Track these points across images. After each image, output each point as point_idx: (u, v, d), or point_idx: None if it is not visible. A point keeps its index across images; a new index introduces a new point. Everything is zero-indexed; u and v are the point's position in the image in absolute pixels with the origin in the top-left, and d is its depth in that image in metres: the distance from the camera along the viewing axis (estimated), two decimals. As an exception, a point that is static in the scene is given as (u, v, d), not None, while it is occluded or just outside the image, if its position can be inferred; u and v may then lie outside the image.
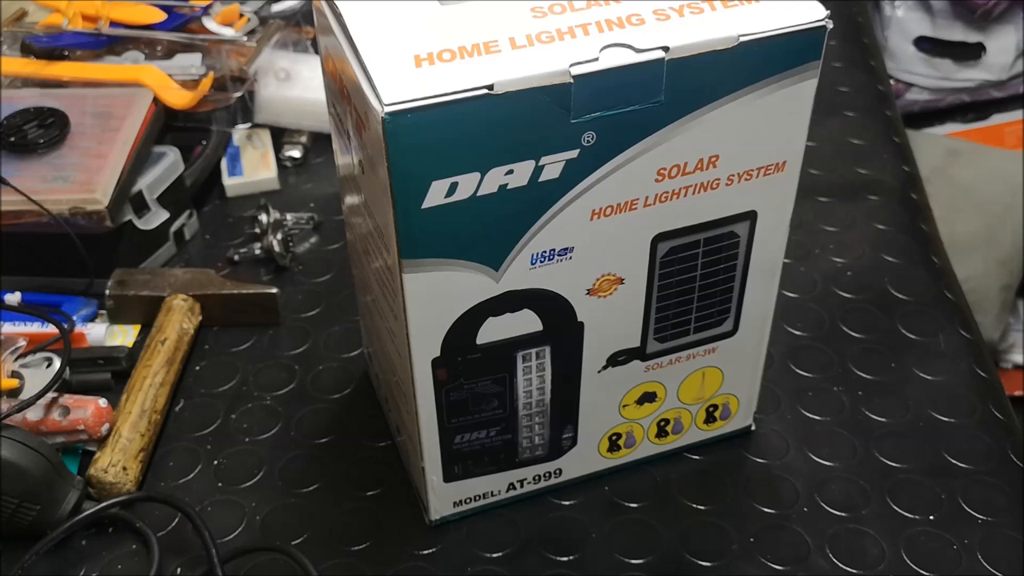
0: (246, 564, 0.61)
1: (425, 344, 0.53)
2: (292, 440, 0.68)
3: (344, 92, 0.50)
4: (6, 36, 0.88)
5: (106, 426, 0.65)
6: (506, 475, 0.62)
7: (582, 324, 0.56)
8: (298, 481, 0.66)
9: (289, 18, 0.94)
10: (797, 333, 0.74)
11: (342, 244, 0.82)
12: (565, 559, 0.61)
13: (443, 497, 0.62)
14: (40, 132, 0.76)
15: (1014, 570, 0.60)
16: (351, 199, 0.57)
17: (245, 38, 0.89)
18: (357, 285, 0.66)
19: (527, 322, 0.54)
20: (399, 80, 0.44)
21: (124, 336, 0.75)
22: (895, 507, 0.63)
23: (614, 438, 0.63)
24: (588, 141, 0.48)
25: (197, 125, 0.86)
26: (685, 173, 0.51)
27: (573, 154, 0.48)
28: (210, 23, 0.89)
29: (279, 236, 0.80)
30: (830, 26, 0.49)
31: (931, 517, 0.63)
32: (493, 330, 0.54)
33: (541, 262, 0.52)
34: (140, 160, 0.77)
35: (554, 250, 0.51)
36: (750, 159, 0.52)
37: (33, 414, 0.64)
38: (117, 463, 0.64)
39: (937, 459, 0.66)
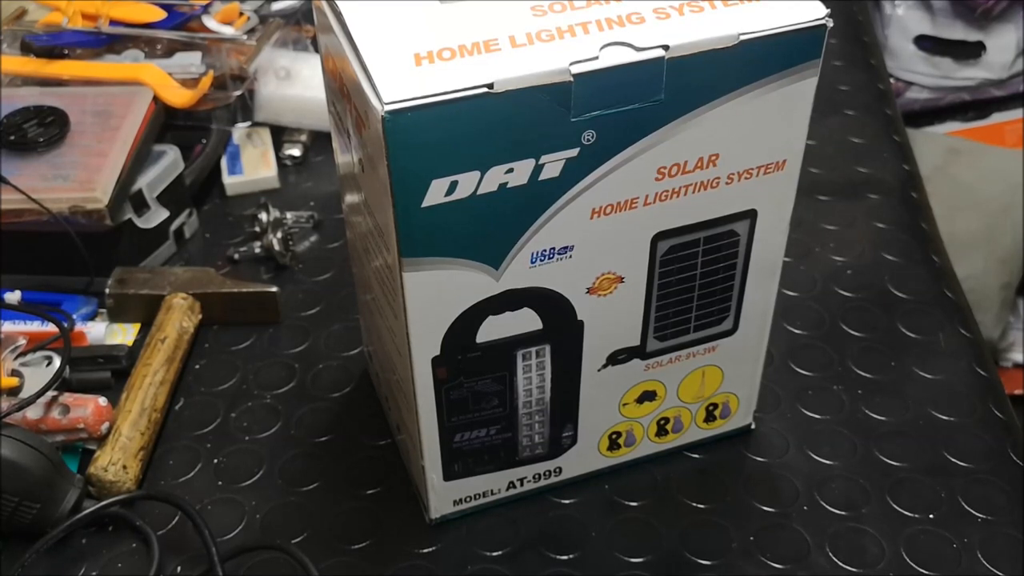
0: (246, 563, 0.61)
1: (425, 342, 0.53)
2: (292, 439, 0.68)
3: (344, 91, 0.50)
4: (6, 35, 0.88)
5: (106, 425, 0.65)
6: (506, 474, 0.62)
7: (582, 323, 0.56)
8: (298, 480, 0.66)
9: (289, 17, 0.94)
10: (797, 332, 0.74)
11: (342, 243, 0.82)
12: (565, 558, 0.61)
13: (443, 496, 0.62)
14: (40, 131, 0.76)
15: (1014, 569, 0.60)
16: (351, 198, 0.57)
17: (245, 37, 0.89)
18: (357, 284, 0.66)
19: (527, 321, 0.54)
20: (399, 79, 0.44)
21: (124, 335, 0.75)
22: (895, 506, 0.63)
23: (614, 437, 0.63)
24: (588, 140, 0.48)
25: (197, 124, 0.86)
26: (685, 172, 0.51)
27: (573, 153, 0.48)
28: (210, 21, 0.89)
29: (279, 235, 0.80)
30: (830, 25, 0.49)
31: (931, 516, 0.63)
32: (493, 329, 0.54)
33: (541, 261, 0.52)
34: (140, 159, 0.77)
35: (554, 249, 0.51)
36: (750, 158, 0.52)
37: (33, 413, 0.64)
38: (117, 462, 0.64)
39: (937, 458, 0.66)
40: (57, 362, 0.69)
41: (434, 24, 0.47)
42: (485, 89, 0.45)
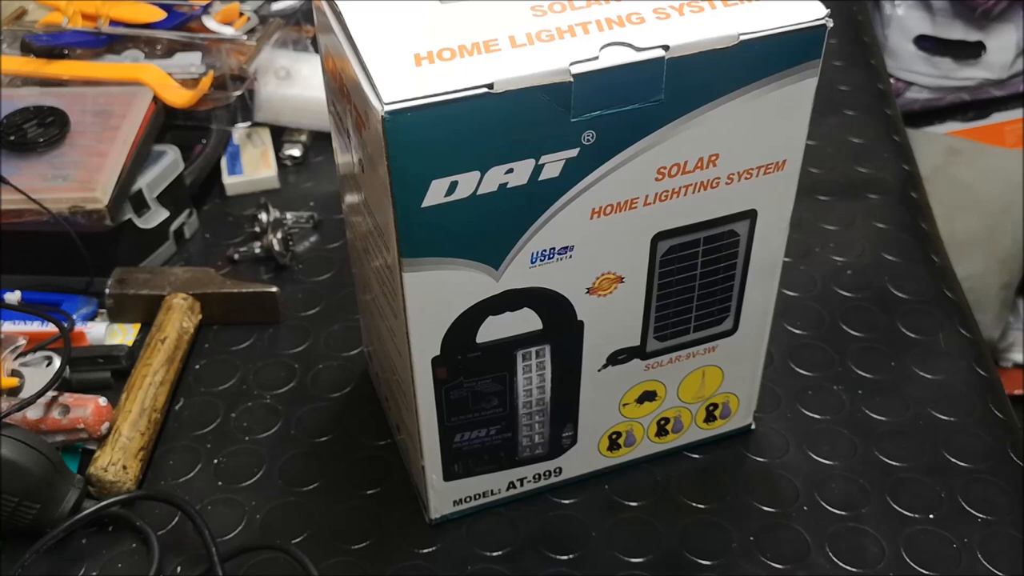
0: (246, 563, 0.61)
1: (425, 342, 0.53)
2: (292, 439, 0.68)
3: (344, 91, 0.50)
4: (6, 34, 0.88)
5: (106, 425, 0.65)
6: (506, 474, 0.62)
7: (582, 323, 0.55)
8: (298, 480, 0.66)
9: (289, 17, 0.94)
10: (797, 332, 0.74)
11: (342, 243, 0.82)
12: (565, 558, 0.61)
13: (443, 496, 0.62)
14: (40, 131, 0.76)
15: (1014, 569, 0.60)
16: (351, 198, 0.57)
17: (245, 37, 0.89)
18: (357, 284, 0.66)
19: (527, 321, 0.54)
20: (399, 79, 0.44)
21: (124, 335, 0.75)
22: (895, 506, 0.63)
23: (614, 437, 0.63)
24: (588, 140, 0.48)
25: (197, 124, 0.86)
26: (685, 172, 0.51)
27: (573, 153, 0.48)
28: (210, 22, 0.89)
29: (279, 235, 0.80)
30: (830, 25, 0.49)
31: (931, 516, 0.63)
32: (493, 329, 0.54)
33: (541, 261, 0.52)
34: (140, 159, 0.77)
35: (554, 249, 0.51)
36: (750, 158, 0.52)
37: (33, 413, 0.64)
38: (117, 462, 0.64)
39: (937, 458, 0.66)
40: (57, 362, 0.69)
41: (434, 24, 0.47)
42: (485, 89, 0.45)
